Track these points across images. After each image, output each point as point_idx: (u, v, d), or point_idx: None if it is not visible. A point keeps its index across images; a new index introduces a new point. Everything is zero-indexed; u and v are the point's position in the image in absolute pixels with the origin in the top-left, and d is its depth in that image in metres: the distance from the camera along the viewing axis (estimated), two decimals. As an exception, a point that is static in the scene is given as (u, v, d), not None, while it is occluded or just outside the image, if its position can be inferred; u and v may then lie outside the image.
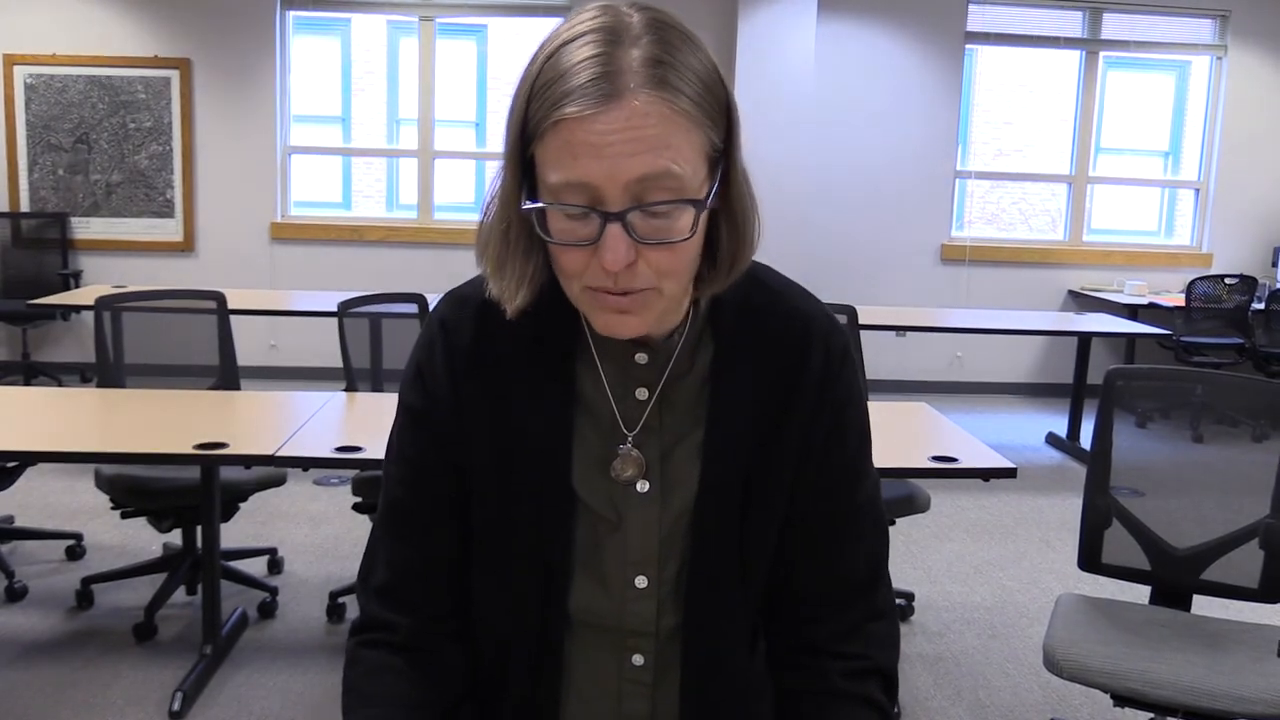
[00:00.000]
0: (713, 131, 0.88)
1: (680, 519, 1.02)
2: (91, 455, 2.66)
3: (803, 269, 6.80)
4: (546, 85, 0.84)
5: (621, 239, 0.85)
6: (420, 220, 6.78)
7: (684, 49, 0.87)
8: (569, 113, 0.82)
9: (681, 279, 0.92)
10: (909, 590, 3.51)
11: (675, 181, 0.85)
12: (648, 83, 0.83)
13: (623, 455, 1.01)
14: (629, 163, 0.83)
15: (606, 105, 0.82)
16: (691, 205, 0.86)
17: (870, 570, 1.10)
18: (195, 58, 6.45)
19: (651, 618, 1.03)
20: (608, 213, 0.85)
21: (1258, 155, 6.98)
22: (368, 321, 3.44)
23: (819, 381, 1.03)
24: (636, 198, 0.85)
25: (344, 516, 4.13)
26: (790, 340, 1.03)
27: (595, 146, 0.83)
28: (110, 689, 2.82)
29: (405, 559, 1.05)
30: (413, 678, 1.03)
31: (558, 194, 0.86)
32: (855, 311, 3.51)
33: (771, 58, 6.22)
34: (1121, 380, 2.45)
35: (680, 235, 0.87)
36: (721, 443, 1.01)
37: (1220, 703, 2.00)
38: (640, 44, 0.84)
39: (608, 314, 0.91)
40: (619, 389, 1.02)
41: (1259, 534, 2.28)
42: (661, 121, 0.83)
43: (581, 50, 0.84)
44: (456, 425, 1.02)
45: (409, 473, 1.05)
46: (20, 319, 6.27)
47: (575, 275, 0.90)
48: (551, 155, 0.85)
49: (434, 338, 1.03)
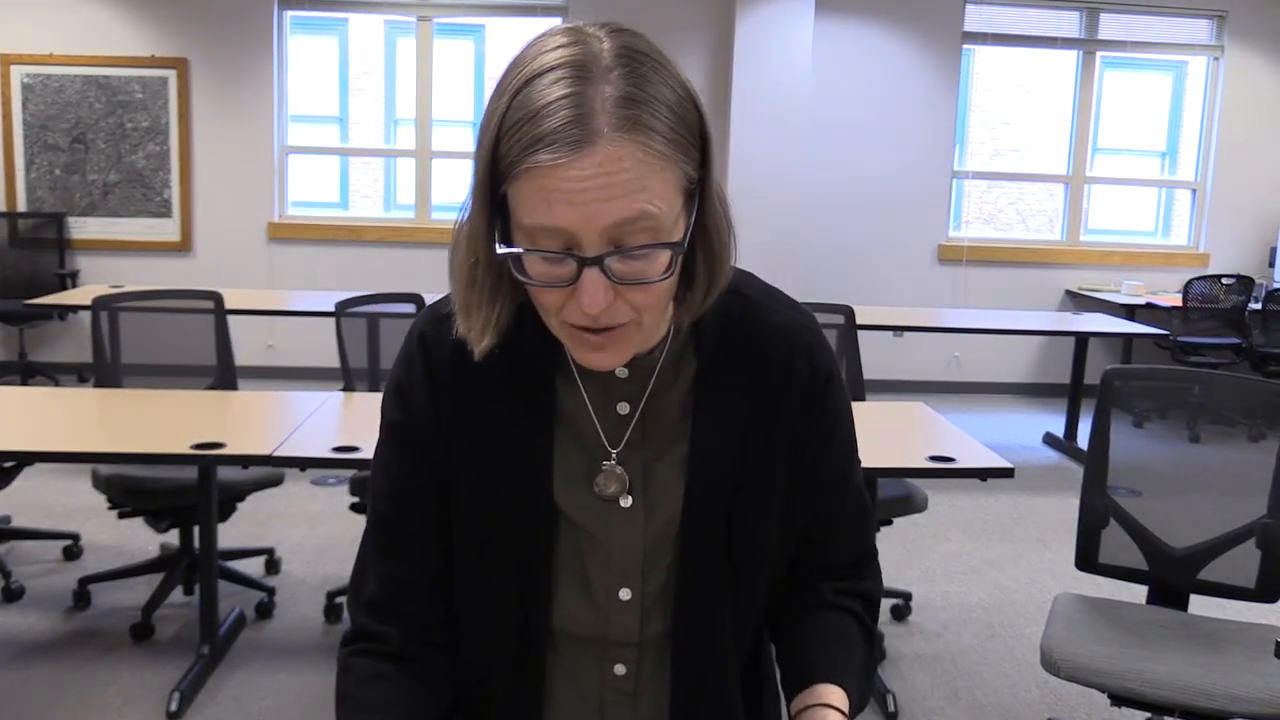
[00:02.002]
0: (687, 165, 0.86)
1: (665, 533, 1.02)
2: (89, 455, 2.66)
3: (800, 269, 6.80)
4: (516, 126, 0.82)
5: (600, 283, 0.84)
6: (418, 220, 6.78)
7: (655, 80, 0.84)
8: (542, 160, 0.81)
9: (658, 312, 0.92)
10: (906, 590, 3.51)
11: (652, 222, 0.84)
12: (621, 126, 0.81)
13: (606, 471, 1.01)
14: (605, 208, 0.82)
15: (579, 151, 0.80)
16: (669, 248, 0.86)
17: (857, 554, 1.14)
18: (192, 57, 6.45)
19: (635, 629, 1.04)
20: (584, 258, 0.84)
21: (1255, 155, 6.99)
22: (365, 321, 3.44)
23: (804, 394, 1.04)
24: (613, 241, 0.84)
25: (342, 516, 4.13)
26: (773, 354, 1.03)
27: (569, 194, 0.81)
28: (108, 689, 2.81)
29: (393, 572, 1.05)
30: (406, 685, 1.03)
31: (533, 237, 0.85)
32: (852, 311, 3.51)
33: (769, 58, 6.22)
34: (1119, 380, 2.45)
35: (657, 275, 0.87)
36: (705, 457, 1.01)
37: (1217, 702, 2.01)
38: (611, 79, 0.82)
39: (588, 351, 0.92)
40: (600, 404, 1.02)
41: (1256, 534, 2.28)
42: (636, 165, 0.82)
43: (552, 89, 0.82)
44: (438, 440, 1.01)
45: (393, 488, 1.05)
46: (17, 319, 6.26)
47: (553, 311, 0.90)
48: (525, 199, 0.83)
49: (414, 353, 1.03)
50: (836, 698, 1.01)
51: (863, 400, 3.40)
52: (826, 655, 1.05)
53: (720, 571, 1.03)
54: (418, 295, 3.60)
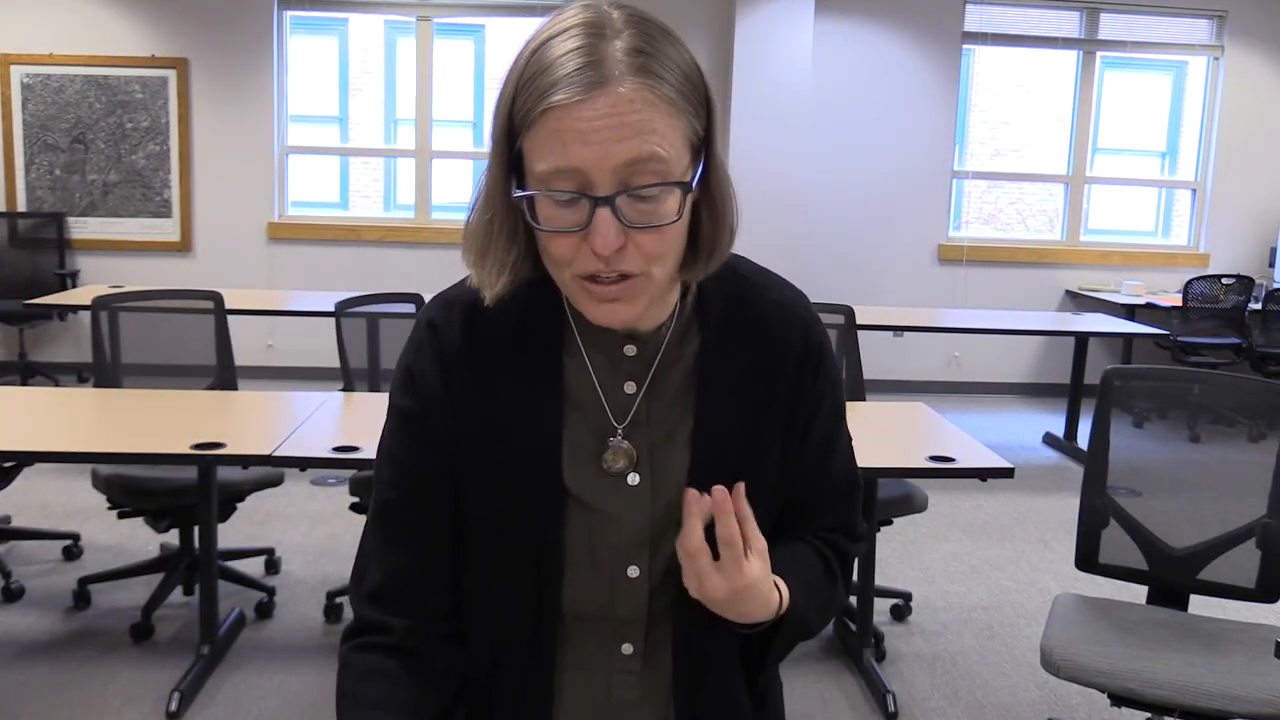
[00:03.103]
0: (695, 119, 0.91)
1: (671, 508, 1.03)
2: (88, 455, 2.66)
3: (800, 269, 6.80)
4: (532, 78, 0.87)
5: (611, 223, 0.88)
6: (418, 220, 6.78)
7: (664, 42, 0.90)
8: (556, 100, 0.85)
9: (669, 263, 0.94)
10: (906, 590, 3.51)
11: (661, 165, 0.87)
12: (631, 70, 0.86)
13: (613, 447, 1.03)
14: (616, 148, 0.86)
15: (592, 92, 0.85)
16: (678, 187, 0.89)
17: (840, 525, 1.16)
18: (192, 57, 6.45)
19: (643, 606, 1.05)
20: (596, 197, 0.87)
21: (1255, 155, 6.99)
22: (365, 321, 3.44)
23: (801, 369, 1.07)
24: (624, 182, 0.87)
25: (341, 516, 4.13)
26: (773, 331, 1.06)
27: (583, 133, 0.85)
28: (107, 689, 2.81)
29: (398, 562, 1.05)
30: (407, 682, 1.03)
31: (546, 182, 0.88)
32: (852, 311, 3.50)
33: (769, 58, 6.22)
34: (1119, 380, 2.45)
35: (667, 218, 0.90)
36: (710, 432, 1.03)
37: (1217, 702, 2.01)
38: (623, 36, 0.88)
39: (599, 303, 0.94)
40: (607, 382, 1.03)
41: (1256, 534, 2.28)
42: (646, 107, 0.86)
43: (566, 43, 0.87)
44: (448, 426, 1.02)
45: (401, 476, 1.05)
46: (17, 319, 6.26)
47: (566, 263, 0.92)
48: (540, 144, 0.88)
49: (423, 340, 1.04)
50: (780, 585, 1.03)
51: (863, 400, 3.40)
52: (780, 561, 1.07)
53: None
54: (418, 295, 3.60)
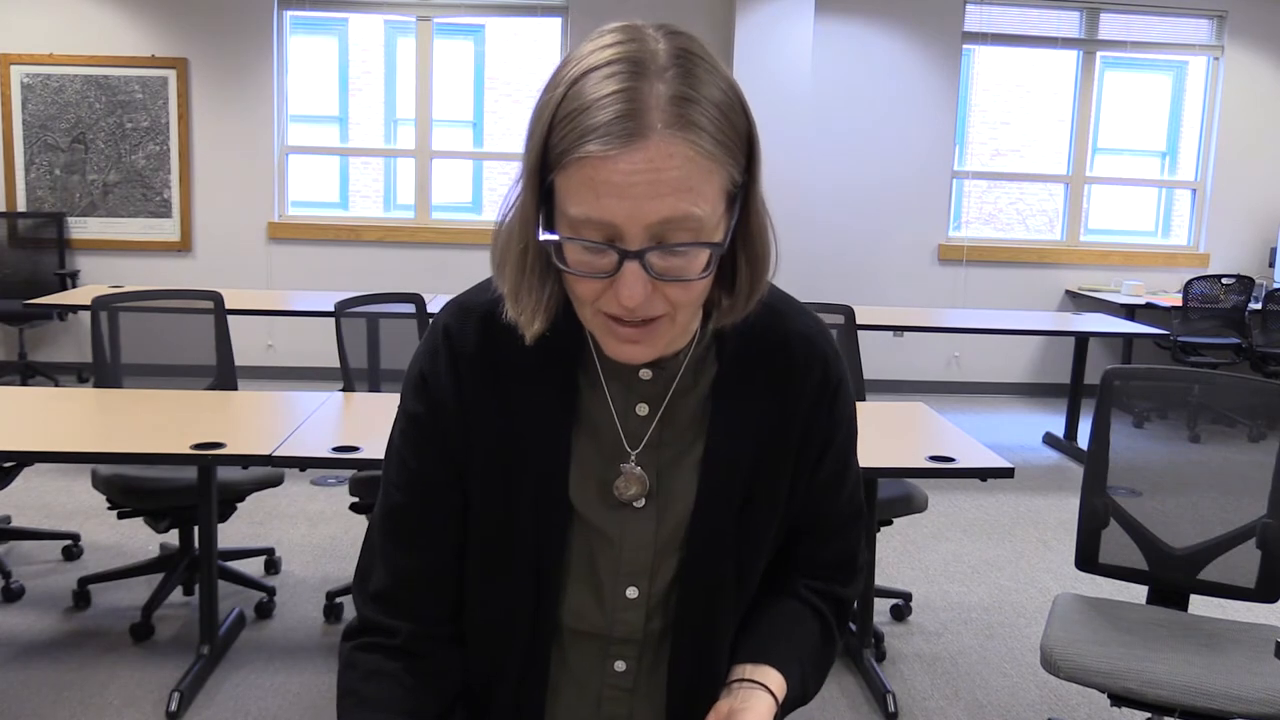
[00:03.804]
0: (734, 168, 0.88)
1: (675, 533, 1.03)
2: (88, 455, 2.66)
3: (800, 269, 6.80)
4: (570, 116, 0.84)
5: (639, 277, 0.86)
6: (418, 220, 6.78)
7: (708, 81, 0.86)
8: (593, 150, 0.82)
9: (693, 309, 0.93)
10: (906, 590, 3.51)
11: (696, 224, 0.85)
12: (672, 123, 0.82)
13: (626, 474, 1.02)
14: (651, 205, 0.83)
15: (630, 145, 0.82)
16: (710, 248, 0.87)
17: (842, 556, 1.15)
18: (192, 57, 6.45)
19: (639, 626, 1.05)
20: (626, 250, 0.85)
21: (1255, 155, 6.99)
22: (365, 322, 3.44)
23: (817, 403, 1.05)
24: (656, 238, 0.85)
25: (341, 517, 4.13)
26: (795, 361, 1.04)
27: (618, 187, 0.82)
28: (107, 689, 2.81)
29: (404, 565, 1.05)
30: (409, 683, 1.03)
31: (577, 227, 0.86)
32: (852, 311, 3.50)
33: (769, 57, 6.22)
34: (1119, 380, 2.45)
35: (696, 274, 0.88)
36: (720, 459, 1.02)
37: (1217, 702, 2.01)
38: (665, 78, 0.84)
39: (620, 343, 0.92)
40: (621, 404, 1.02)
41: (1256, 534, 2.28)
42: (685, 164, 0.83)
43: (607, 83, 0.83)
44: (460, 433, 1.02)
45: (410, 480, 1.05)
46: (17, 319, 6.25)
47: (589, 301, 0.91)
48: (573, 189, 0.85)
49: (438, 345, 1.03)
50: (773, 680, 1.02)
51: (863, 400, 3.40)
52: (777, 641, 1.07)
53: (725, 571, 1.04)
54: (418, 295, 3.60)
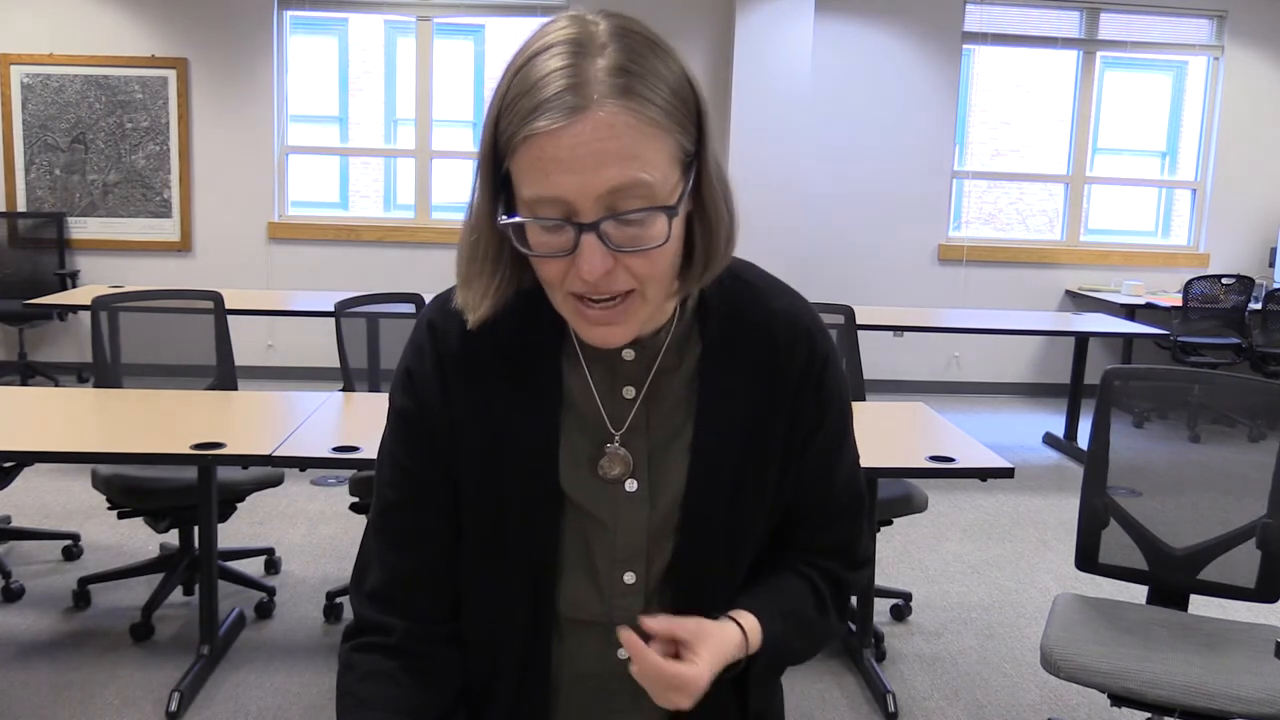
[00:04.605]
0: (683, 136, 0.89)
1: (669, 516, 1.03)
2: (88, 455, 2.66)
3: (800, 269, 6.80)
4: (515, 100, 0.86)
5: (597, 248, 0.87)
6: (418, 220, 6.77)
7: (650, 56, 0.87)
8: (538, 127, 0.84)
9: (662, 282, 0.93)
10: (906, 590, 3.51)
11: (646, 190, 0.86)
12: (613, 93, 0.84)
13: (609, 454, 1.02)
14: (599, 175, 0.84)
15: (573, 118, 0.83)
16: (663, 212, 0.88)
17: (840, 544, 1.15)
18: (192, 57, 6.45)
19: (639, 612, 1.05)
20: (581, 224, 0.86)
21: (1255, 155, 6.99)
22: (365, 321, 3.44)
23: (804, 380, 1.05)
24: (609, 208, 0.86)
25: (341, 517, 4.13)
26: (776, 339, 1.05)
27: (565, 161, 0.84)
28: (107, 689, 2.81)
29: (399, 563, 1.05)
30: (407, 683, 1.03)
31: (533, 208, 0.88)
32: (852, 311, 3.50)
33: (769, 57, 6.22)
34: (1119, 380, 2.45)
35: (655, 242, 0.88)
36: (710, 440, 1.02)
37: (1217, 702, 2.01)
38: (606, 53, 0.85)
39: (592, 326, 0.93)
40: (605, 387, 1.03)
41: (1256, 534, 2.28)
42: (629, 132, 0.84)
43: (548, 63, 0.85)
44: (447, 428, 1.02)
45: (401, 477, 1.05)
46: (17, 319, 6.25)
47: (557, 284, 0.92)
48: (525, 171, 0.86)
49: (423, 342, 1.04)
50: (748, 621, 1.02)
51: (863, 400, 3.40)
52: (760, 593, 1.07)
53: (720, 552, 1.05)
54: (417, 295, 3.60)
